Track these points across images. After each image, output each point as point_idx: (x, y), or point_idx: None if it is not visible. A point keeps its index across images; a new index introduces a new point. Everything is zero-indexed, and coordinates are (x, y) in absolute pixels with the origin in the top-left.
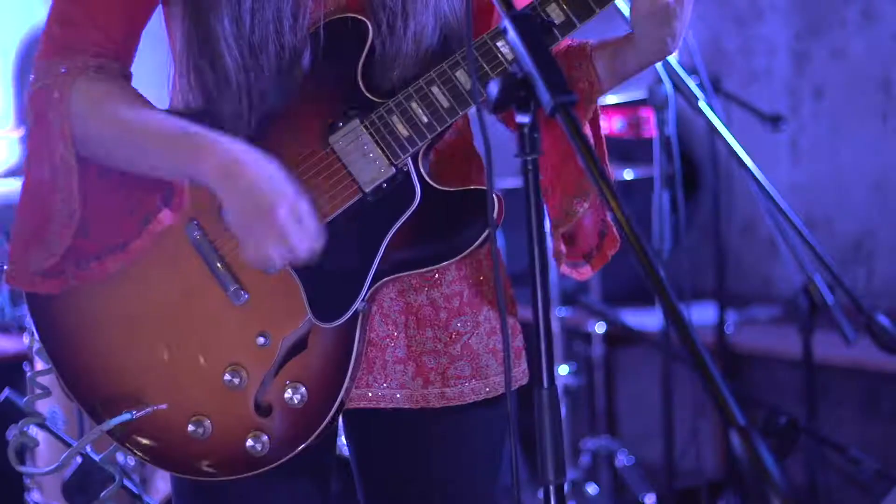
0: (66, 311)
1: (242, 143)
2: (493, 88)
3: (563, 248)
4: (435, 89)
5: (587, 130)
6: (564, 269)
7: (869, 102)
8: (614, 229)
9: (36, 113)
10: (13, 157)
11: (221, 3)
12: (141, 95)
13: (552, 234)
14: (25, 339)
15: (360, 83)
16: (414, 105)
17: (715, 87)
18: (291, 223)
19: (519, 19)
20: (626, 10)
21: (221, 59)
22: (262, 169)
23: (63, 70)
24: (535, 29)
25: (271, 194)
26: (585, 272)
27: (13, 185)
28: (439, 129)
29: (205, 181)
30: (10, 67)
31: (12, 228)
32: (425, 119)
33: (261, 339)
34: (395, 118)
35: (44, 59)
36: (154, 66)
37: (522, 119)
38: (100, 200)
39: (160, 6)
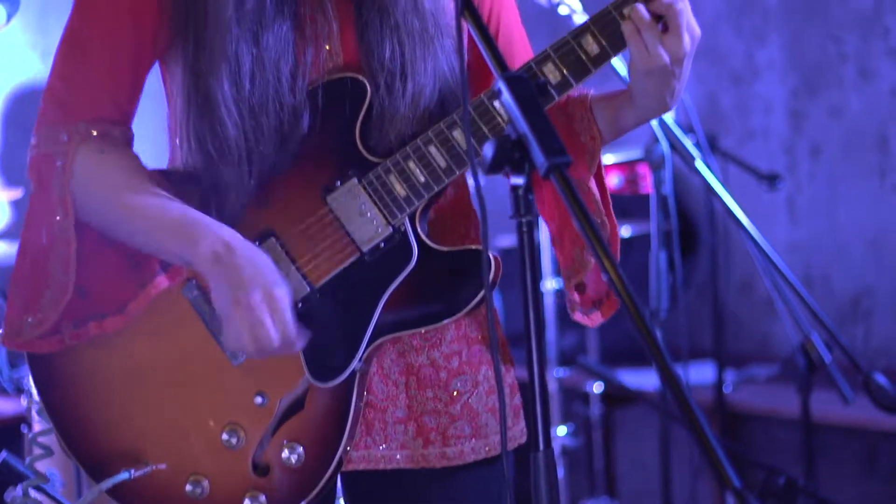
0: (66, 369)
1: (235, 232)
2: (488, 150)
3: (576, 297)
4: (432, 149)
5: (592, 184)
6: (578, 316)
7: (866, 160)
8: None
9: (37, 179)
10: (4, 219)
11: (221, 67)
12: (142, 168)
13: (565, 285)
14: (23, 401)
15: (359, 143)
16: (411, 165)
17: (712, 146)
18: (265, 311)
19: (513, 81)
20: (622, 70)
21: (221, 123)
22: (250, 258)
23: (65, 138)
24: (529, 90)
25: (250, 281)
26: (596, 318)
27: (5, 247)
28: (437, 189)
29: (197, 267)
30: None
31: (8, 291)
32: (422, 179)
33: (259, 399)
34: (392, 178)
35: (46, 123)
36: (154, 121)
37: (517, 181)
38: (98, 264)
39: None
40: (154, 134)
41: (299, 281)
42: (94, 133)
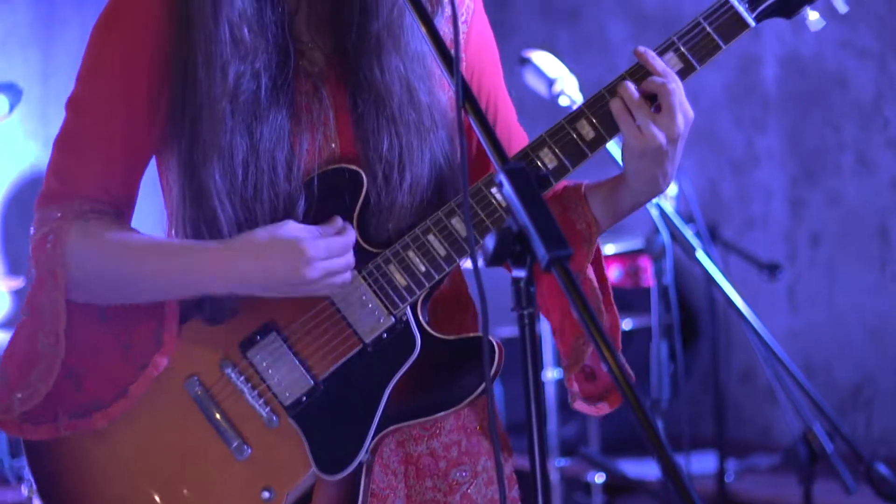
0: (64, 460)
1: (238, 239)
2: (489, 243)
3: (576, 387)
4: (431, 237)
5: (590, 273)
6: (581, 406)
7: (866, 249)
8: (627, 368)
9: (35, 260)
10: (4, 308)
11: (213, 160)
12: (136, 230)
13: (564, 375)
14: (24, 490)
15: (357, 234)
16: (411, 254)
17: (712, 235)
18: (325, 270)
19: (513, 173)
20: (618, 155)
21: (214, 216)
22: (263, 232)
23: (58, 215)
24: (530, 182)
25: (288, 240)
26: (603, 409)
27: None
28: (437, 278)
29: (221, 280)
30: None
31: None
32: (423, 268)
33: (265, 494)
34: (392, 268)
35: (41, 207)
36: (152, 214)
37: (518, 273)
38: (93, 351)
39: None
40: (151, 229)
41: (302, 374)
42: (87, 208)
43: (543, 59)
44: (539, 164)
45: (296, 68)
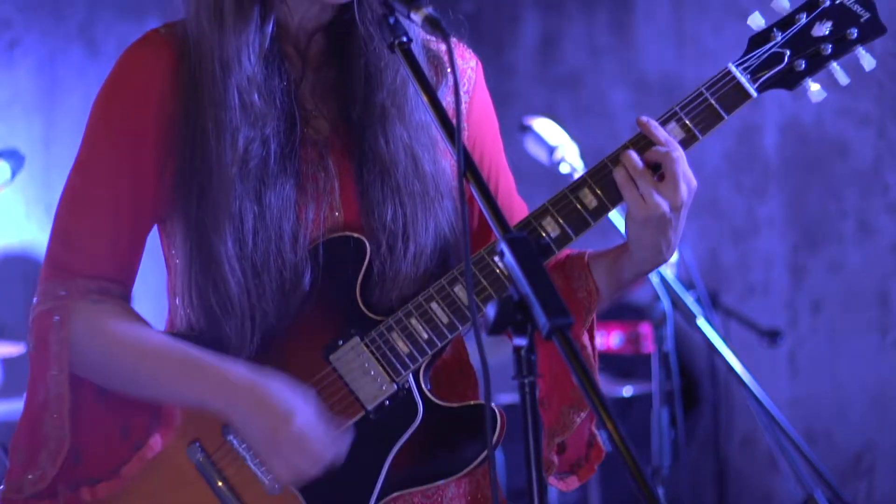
0: None
1: (244, 365)
2: (490, 311)
3: (555, 458)
4: (434, 305)
5: (585, 339)
6: (552, 480)
7: (867, 316)
8: (600, 439)
9: (36, 336)
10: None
11: (224, 225)
12: (142, 318)
13: (546, 444)
14: None
15: (360, 301)
16: (414, 321)
17: (713, 302)
18: (308, 434)
19: (515, 242)
20: (620, 225)
21: (224, 281)
22: (268, 386)
23: (63, 293)
24: (531, 251)
25: (284, 409)
26: (572, 483)
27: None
28: (440, 345)
29: (212, 406)
30: None
31: (10, 449)
32: (425, 335)
33: None
34: (395, 335)
35: (45, 281)
36: (152, 282)
37: (519, 342)
38: (92, 425)
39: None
40: (153, 294)
41: None
42: (92, 288)
43: (544, 127)
44: (542, 232)
45: (301, 136)
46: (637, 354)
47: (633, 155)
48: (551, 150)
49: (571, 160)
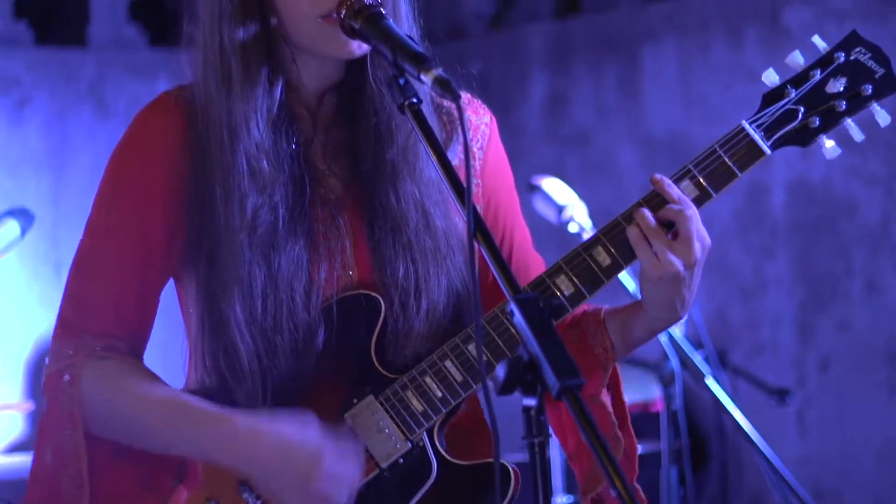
0: None
1: (248, 413)
2: (500, 371)
3: None
4: (448, 363)
5: (605, 397)
6: None
7: (875, 374)
8: (641, 492)
9: (48, 396)
10: (16, 432)
11: (233, 290)
12: (151, 372)
13: (581, 499)
14: None
15: (374, 359)
16: (428, 380)
17: (721, 361)
18: (333, 490)
19: (524, 302)
20: (629, 284)
21: (234, 346)
22: (282, 434)
23: (71, 352)
24: (540, 311)
25: (308, 457)
26: None
27: (17, 460)
28: (454, 403)
29: (227, 463)
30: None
31: None
32: (439, 393)
33: None
34: (409, 393)
35: (56, 341)
36: (167, 340)
37: (529, 402)
38: (110, 483)
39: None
40: (167, 354)
41: None
42: (101, 346)
43: (553, 186)
44: (555, 290)
45: (312, 197)
46: (646, 413)
47: (647, 213)
48: (560, 209)
49: (580, 219)
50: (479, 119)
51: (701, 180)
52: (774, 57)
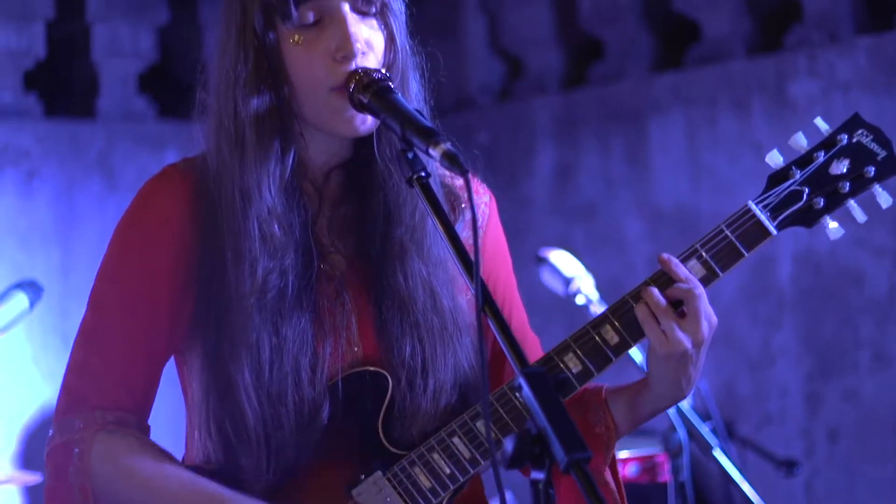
0: None
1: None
2: (508, 445)
3: None
4: (456, 440)
5: (607, 476)
6: None
7: (883, 444)
8: None
9: (55, 468)
10: None
11: (242, 354)
12: (161, 450)
13: None
14: None
15: (382, 436)
16: (436, 456)
17: (729, 432)
18: None
19: (533, 376)
20: (637, 357)
21: (241, 410)
22: None
23: (80, 425)
24: (548, 385)
25: None
26: None
27: None
28: (462, 480)
29: None
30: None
31: None
32: (447, 470)
33: None
34: (417, 469)
35: (62, 414)
36: (170, 413)
37: (537, 475)
38: None
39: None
40: (169, 428)
41: None
42: (109, 419)
43: (560, 258)
44: (563, 367)
45: (318, 272)
46: (653, 484)
47: (655, 292)
48: (567, 281)
49: (587, 291)
50: (479, 199)
51: (708, 260)
52: (781, 129)
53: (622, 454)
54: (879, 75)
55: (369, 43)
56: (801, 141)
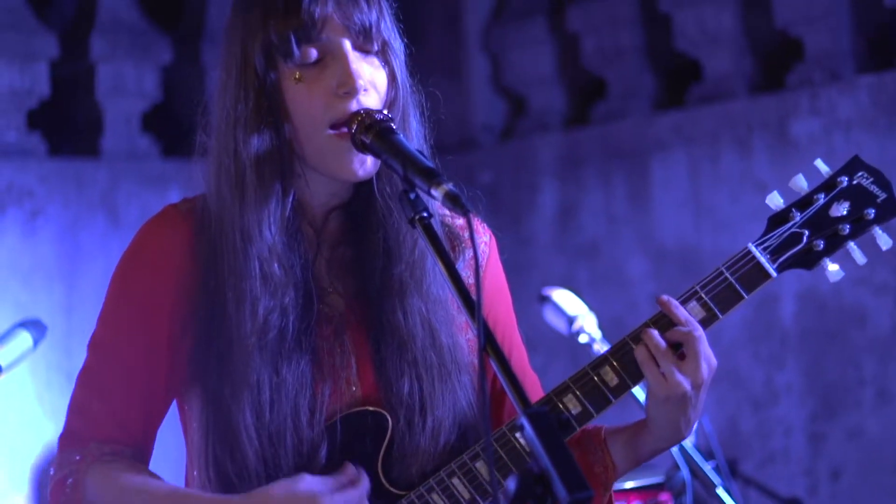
0: None
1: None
2: (511, 485)
3: None
4: (455, 481)
5: None
6: None
7: (887, 482)
8: None
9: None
10: None
11: (243, 394)
12: (154, 474)
13: None
14: None
15: (381, 476)
16: (435, 497)
17: (732, 471)
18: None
19: (534, 417)
20: (641, 396)
21: (242, 450)
22: (279, 487)
23: (77, 458)
24: (550, 425)
25: (305, 495)
26: None
27: None
28: None
29: None
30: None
31: None
32: None
33: None
34: None
35: (61, 451)
36: (169, 452)
37: None
38: None
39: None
40: (168, 466)
41: None
42: (105, 451)
43: (563, 297)
44: (563, 408)
45: (317, 312)
46: None
47: (655, 334)
48: (570, 320)
49: (590, 330)
50: (480, 238)
51: (708, 301)
52: (782, 167)
53: (627, 484)
54: (881, 114)
55: (371, 81)
56: (801, 183)
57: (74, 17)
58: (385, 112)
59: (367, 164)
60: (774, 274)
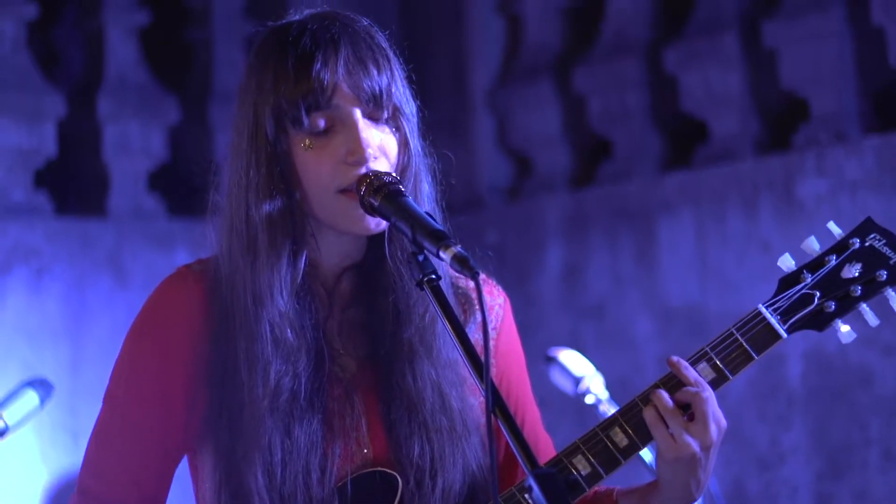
0: None
1: None
2: None
3: None
4: None
5: None
6: None
7: None
8: None
9: None
10: None
11: (255, 457)
12: None
13: None
14: None
15: None
16: None
17: None
18: None
19: (543, 478)
20: (647, 456)
21: None
22: None
23: None
24: (558, 486)
25: None
26: None
27: None
28: None
29: None
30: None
31: None
32: None
33: None
34: None
35: None
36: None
37: None
38: None
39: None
40: None
41: None
42: None
43: (570, 358)
44: (572, 470)
45: (329, 374)
46: None
47: (664, 395)
48: (577, 380)
49: (597, 391)
50: (493, 300)
51: (718, 363)
52: (789, 228)
53: None
54: (887, 175)
55: (381, 148)
56: (813, 245)
57: (82, 76)
58: (393, 174)
59: (380, 221)
60: (785, 335)
